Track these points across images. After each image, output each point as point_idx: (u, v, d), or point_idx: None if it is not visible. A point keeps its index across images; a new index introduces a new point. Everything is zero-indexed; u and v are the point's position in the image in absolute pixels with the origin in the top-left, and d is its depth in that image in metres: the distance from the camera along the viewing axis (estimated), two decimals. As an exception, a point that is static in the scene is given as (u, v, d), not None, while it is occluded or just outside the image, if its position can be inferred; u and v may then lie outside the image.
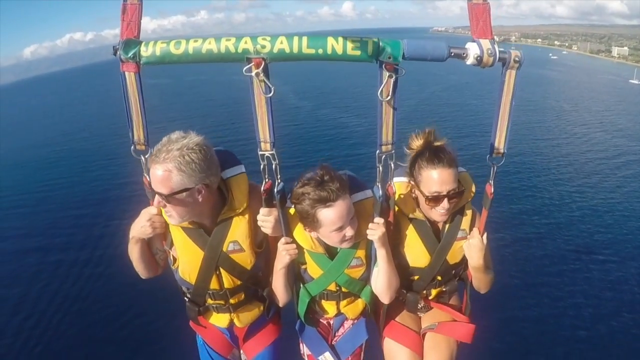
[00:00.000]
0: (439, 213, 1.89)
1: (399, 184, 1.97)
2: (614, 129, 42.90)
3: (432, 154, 1.84)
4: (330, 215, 1.69)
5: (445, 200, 1.83)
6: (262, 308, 2.11)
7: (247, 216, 1.83)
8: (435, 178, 1.82)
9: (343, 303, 2.08)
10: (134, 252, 1.87)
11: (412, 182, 1.94)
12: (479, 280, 2.04)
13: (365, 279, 1.98)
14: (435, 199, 1.85)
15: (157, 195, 1.64)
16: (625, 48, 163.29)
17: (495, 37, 1.48)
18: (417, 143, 1.94)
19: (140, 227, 1.79)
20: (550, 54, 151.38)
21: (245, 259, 1.87)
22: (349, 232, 1.76)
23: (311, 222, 1.74)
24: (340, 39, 1.41)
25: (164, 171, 1.56)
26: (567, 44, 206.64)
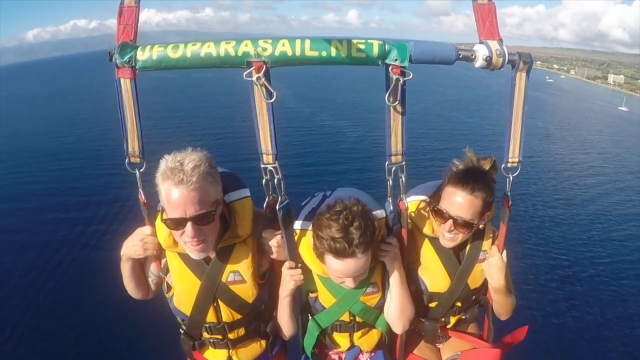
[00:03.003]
0: (444, 237, 1.74)
1: (417, 202, 1.83)
2: (597, 152, 44.13)
3: (464, 175, 1.68)
4: (335, 266, 1.51)
5: (450, 222, 1.67)
6: (264, 344, 1.92)
7: (250, 244, 1.68)
8: (451, 197, 1.68)
9: (357, 335, 1.89)
10: (124, 271, 1.76)
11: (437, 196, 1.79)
12: (500, 304, 1.88)
13: (381, 307, 1.80)
14: (439, 214, 1.71)
15: (190, 226, 1.41)
16: (621, 76, 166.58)
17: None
18: (464, 162, 1.78)
19: (131, 246, 1.67)
20: (547, 77, 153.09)
21: (247, 291, 1.71)
22: (349, 283, 1.57)
23: (318, 255, 1.57)
24: (345, 42, 1.37)
25: (200, 185, 1.38)
26: (565, 68, 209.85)
